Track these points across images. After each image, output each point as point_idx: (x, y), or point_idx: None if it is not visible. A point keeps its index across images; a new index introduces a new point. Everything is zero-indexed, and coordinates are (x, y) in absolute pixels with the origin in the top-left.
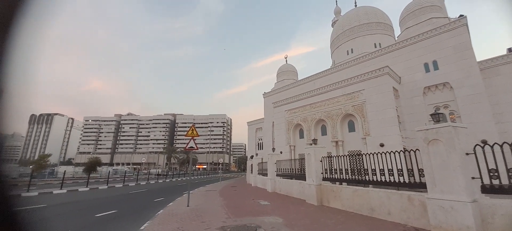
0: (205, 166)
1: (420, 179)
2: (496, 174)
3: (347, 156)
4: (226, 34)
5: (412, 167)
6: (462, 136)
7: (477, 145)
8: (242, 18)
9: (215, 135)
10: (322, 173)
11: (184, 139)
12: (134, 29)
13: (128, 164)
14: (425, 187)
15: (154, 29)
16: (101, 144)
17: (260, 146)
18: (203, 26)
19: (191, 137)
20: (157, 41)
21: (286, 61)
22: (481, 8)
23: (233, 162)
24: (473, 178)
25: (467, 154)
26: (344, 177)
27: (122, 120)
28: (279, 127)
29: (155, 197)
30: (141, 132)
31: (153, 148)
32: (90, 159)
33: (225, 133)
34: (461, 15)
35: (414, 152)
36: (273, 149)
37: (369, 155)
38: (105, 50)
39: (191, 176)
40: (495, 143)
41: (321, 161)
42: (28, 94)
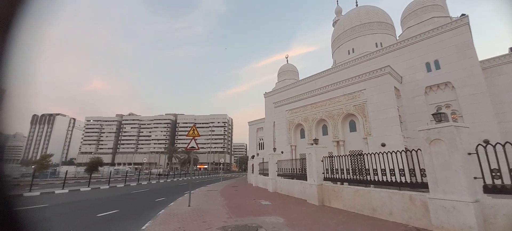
0: (206, 166)
1: (422, 179)
2: (498, 174)
3: (349, 156)
4: (227, 34)
5: (413, 167)
6: (464, 135)
7: (479, 144)
8: (242, 18)
9: (216, 135)
10: (323, 173)
11: (185, 139)
12: (134, 29)
13: (130, 164)
14: (427, 187)
15: (154, 29)
16: (102, 144)
17: (261, 146)
18: (203, 26)
19: (192, 137)
20: (158, 41)
21: (287, 61)
22: (483, 8)
23: (234, 162)
24: (475, 178)
25: (469, 153)
26: (346, 177)
27: (124, 120)
28: (280, 127)
29: (156, 197)
30: (142, 132)
31: (154, 148)
32: (91, 159)
33: (226, 133)
34: (463, 14)
35: (416, 151)
36: (274, 149)
37: (370, 155)
38: (105, 50)
39: (192, 176)
40: (497, 143)
41: (322, 161)
42: (30, 95)
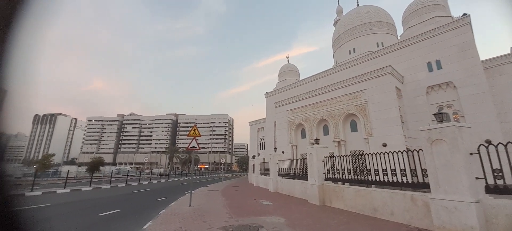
0: (207, 166)
1: (423, 179)
2: (500, 174)
3: (350, 156)
4: (227, 34)
5: (415, 167)
6: (466, 135)
7: (481, 144)
8: (242, 18)
9: (217, 134)
10: (324, 173)
11: (186, 139)
12: (134, 29)
13: (131, 163)
14: (429, 187)
15: (155, 29)
16: (104, 144)
17: (262, 145)
18: (203, 27)
19: (193, 137)
20: (158, 41)
21: (288, 61)
22: (484, 7)
23: (235, 162)
24: (477, 178)
25: (471, 154)
26: (347, 177)
27: (125, 120)
28: (281, 127)
29: (157, 197)
30: (143, 132)
31: (155, 147)
32: (93, 158)
33: (227, 132)
34: (464, 14)
35: (417, 152)
36: (275, 149)
37: (371, 155)
38: (105, 50)
39: (193, 176)
40: (499, 143)
41: (323, 161)
42: (31, 95)
